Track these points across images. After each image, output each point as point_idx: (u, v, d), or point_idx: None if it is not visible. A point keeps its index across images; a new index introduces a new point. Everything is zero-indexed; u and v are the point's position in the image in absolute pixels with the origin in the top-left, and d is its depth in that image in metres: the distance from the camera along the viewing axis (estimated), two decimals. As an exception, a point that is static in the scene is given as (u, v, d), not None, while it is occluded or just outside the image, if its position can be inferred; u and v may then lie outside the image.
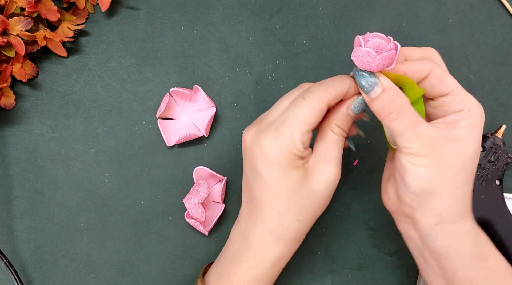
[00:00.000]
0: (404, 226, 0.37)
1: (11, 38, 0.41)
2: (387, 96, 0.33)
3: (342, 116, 0.35)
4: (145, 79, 0.46)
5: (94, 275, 0.44)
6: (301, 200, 0.35)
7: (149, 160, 0.45)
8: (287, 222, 0.35)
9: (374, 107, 0.33)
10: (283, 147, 0.33)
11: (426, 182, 0.33)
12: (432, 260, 0.35)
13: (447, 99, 0.34)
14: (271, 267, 0.37)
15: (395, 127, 0.33)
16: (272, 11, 0.48)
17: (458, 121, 0.33)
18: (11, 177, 0.45)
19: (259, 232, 0.36)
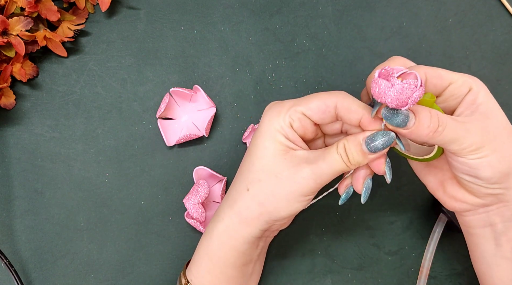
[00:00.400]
0: (483, 217, 0.36)
1: (11, 38, 0.41)
2: (424, 115, 0.32)
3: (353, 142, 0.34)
4: (145, 79, 0.46)
5: (94, 275, 0.44)
6: (261, 172, 0.35)
7: (149, 160, 0.45)
8: (238, 187, 0.36)
9: (420, 132, 0.32)
10: (275, 113, 0.35)
11: (501, 166, 0.33)
12: (507, 243, 0.35)
13: (452, 87, 0.35)
14: (218, 240, 0.37)
15: (448, 137, 0.32)
16: (272, 11, 0.48)
17: (475, 100, 0.34)
18: (11, 177, 0.45)
19: (222, 202, 0.38)
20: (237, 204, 0.36)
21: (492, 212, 0.36)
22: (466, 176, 0.34)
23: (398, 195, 0.47)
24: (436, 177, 0.38)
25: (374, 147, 0.33)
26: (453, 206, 0.37)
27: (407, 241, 0.46)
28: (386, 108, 0.32)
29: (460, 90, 0.34)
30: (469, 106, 0.34)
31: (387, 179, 0.35)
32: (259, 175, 0.35)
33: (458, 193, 0.36)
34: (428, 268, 0.45)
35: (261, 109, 0.47)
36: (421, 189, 0.47)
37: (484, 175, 0.33)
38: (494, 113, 0.34)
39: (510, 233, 0.35)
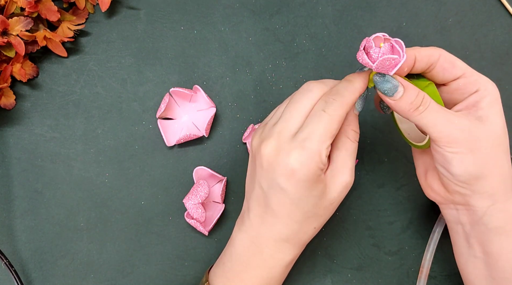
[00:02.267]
0: (454, 213, 0.37)
1: (11, 38, 0.41)
2: (411, 92, 0.33)
3: (353, 120, 0.36)
4: (145, 79, 0.46)
5: (94, 275, 0.44)
6: (319, 210, 0.36)
7: (149, 160, 0.45)
8: (304, 230, 0.36)
9: (402, 106, 0.34)
10: (309, 163, 0.33)
11: (473, 167, 0.33)
12: (477, 245, 0.36)
13: (461, 81, 0.35)
14: (284, 271, 0.38)
15: (426, 119, 0.33)
16: (272, 11, 0.48)
17: (478, 102, 0.34)
18: (11, 177, 0.45)
19: (274, 239, 0.37)
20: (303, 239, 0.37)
21: (461, 211, 0.37)
22: (440, 166, 0.35)
23: (398, 195, 0.47)
24: (424, 163, 0.39)
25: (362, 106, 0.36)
26: (429, 194, 0.39)
27: (407, 241, 0.46)
28: (378, 73, 0.34)
29: (467, 87, 0.35)
30: (469, 106, 0.34)
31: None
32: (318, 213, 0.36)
33: (435, 183, 0.38)
34: (428, 268, 0.45)
35: (261, 109, 0.47)
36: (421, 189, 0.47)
37: (454, 170, 0.34)
38: (490, 121, 0.34)
39: (478, 237, 0.36)
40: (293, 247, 0.37)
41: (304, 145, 0.33)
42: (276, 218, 0.36)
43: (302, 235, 0.37)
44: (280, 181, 0.34)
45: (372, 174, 0.47)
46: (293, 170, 0.33)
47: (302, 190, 0.34)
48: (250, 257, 0.37)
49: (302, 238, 0.37)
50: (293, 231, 0.36)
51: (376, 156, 0.47)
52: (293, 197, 0.34)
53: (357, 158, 0.47)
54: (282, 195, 0.35)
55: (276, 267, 0.37)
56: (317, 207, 0.35)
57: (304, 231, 0.37)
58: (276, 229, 0.36)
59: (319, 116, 0.34)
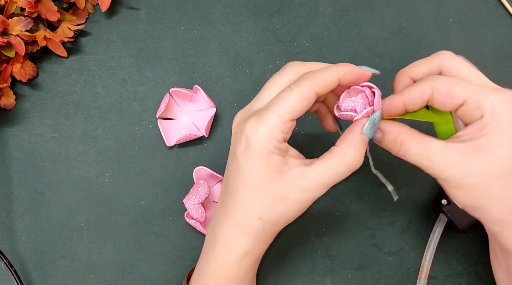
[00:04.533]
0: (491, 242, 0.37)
1: (11, 38, 0.41)
2: (389, 137, 0.34)
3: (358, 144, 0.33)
4: (145, 79, 0.46)
5: (94, 275, 0.44)
6: (267, 198, 0.33)
7: (149, 160, 0.45)
8: (250, 218, 0.34)
9: (386, 147, 0.35)
10: (262, 132, 0.32)
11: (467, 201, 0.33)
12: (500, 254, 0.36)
13: (464, 109, 0.32)
14: (238, 264, 0.36)
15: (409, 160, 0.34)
16: (272, 11, 0.48)
17: (480, 130, 0.31)
18: (11, 177, 0.45)
19: (226, 226, 0.35)
20: (253, 231, 0.35)
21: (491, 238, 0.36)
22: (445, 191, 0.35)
23: (398, 195, 0.47)
24: None
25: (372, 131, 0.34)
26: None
27: (407, 241, 0.46)
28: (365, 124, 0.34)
29: (472, 114, 0.31)
30: (472, 133, 0.32)
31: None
32: (266, 203, 0.33)
33: None
34: (428, 268, 0.45)
35: (261, 109, 0.47)
36: (421, 189, 0.47)
37: (455, 200, 0.34)
38: (490, 152, 0.31)
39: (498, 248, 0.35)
40: (242, 237, 0.35)
41: (262, 114, 0.32)
42: (230, 198, 0.34)
43: (249, 224, 0.34)
44: (237, 150, 0.33)
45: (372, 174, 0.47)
46: (247, 137, 0.32)
47: (251, 162, 0.32)
48: (209, 249, 0.37)
49: (250, 228, 0.34)
50: (239, 215, 0.34)
51: (376, 156, 0.47)
52: (243, 169, 0.33)
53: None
54: (236, 166, 0.33)
55: (230, 259, 0.36)
56: (265, 192, 0.33)
57: (248, 218, 0.34)
58: (227, 212, 0.35)
59: (284, 91, 0.33)
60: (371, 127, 0.33)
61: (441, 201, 0.44)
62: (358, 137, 0.33)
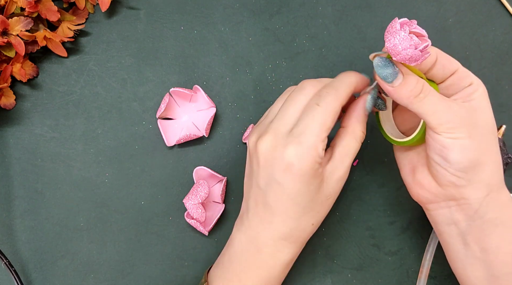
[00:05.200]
0: (446, 212, 0.37)
1: (11, 38, 0.41)
2: (411, 79, 0.33)
3: (363, 120, 0.37)
4: (145, 79, 0.46)
5: (94, 275, 0.44)
6: (316, 206, 0.36)
7: (149, 160, 0.45)
8: (301, 227, 0.36)
9: (402, 93, 0.34)
10: (306, 157, 0.33)
11: (472, 153, 0.33)
12: (474, 243, 0.35)
13: (455, 77, 0.35)
14: (284, 270, 0.38)
15: (426, 106, 0.33)
16: (272, 11, 0.48)
17: (471, 94, 0.35)
18: (11, 177, 0.45)
19: (272, 238, 0.36)
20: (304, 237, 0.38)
21: (454, 208, 0.36)
22: (436, 155, 0.34)
23: (398, 195, 0.47)
24: (411, 161, 0.39)
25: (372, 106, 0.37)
26: (417, 193, 0.38)
27: (407, 241, 0.46)
28: (379, 57, 0.34)
29: (462, 81, 0.35)
30: (464, 97, 0.35)
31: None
32: (316, 209, 0.36)
33: (424, 179, 0.37)
34: (428, 268, 0.45)
35: (261, 109, 0.47)
36: (421, 189, 0.47)
37: (453, 157, 0.33)
38: (483, 111, 0.35)
39: (474, 233, 0.35)
40: (292, 245, 0.37)
41: (300, 139, 0.34)
42: (273, 215, 0.36)
43: (300, 233, 0.37)
44: (277, 176, 0.34)
45: (372, 174, 0.47)
46: (290, 164, 0.33)
47: (299, 185, 0.34)
48: (249, 257, 0.37)
49: (300, 236, 0.37)
50: (291, 228, 0.36)
51: (376, 156, 0.47)
52: (290, 192, 0.34)
53: (357, 158, 0.47)
54: (279, 191, 0.34)
55: (275, 266, 0.37)
56: (314, 202, 0.35)
57: (302, 228, 0.36)
58: (273, 227, 0.36)
59: (313, 110, 0.34)
60: (372, 103, 0.37)
61: (441, 201, 0.44)
62: (363, 113, 0.37)
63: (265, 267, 0.37)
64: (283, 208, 0.35)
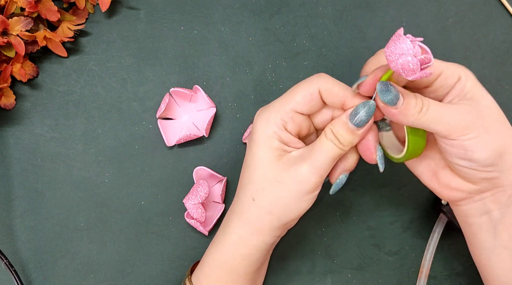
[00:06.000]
0: (479, 205, 0.36)
1: (11, 38, 0.41)
2: (411, 97, 0.33)
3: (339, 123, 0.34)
4: (145, 79, 0.46)
5: (94, 275, 0.44)
6: (262, 180, 0.35)
7: (149, 160, 0.46)
8: (243, 200, 0.36)
9: (408, 112, 0.33)
10: (264, 118, 0.35)
11: (496, 145, 0.33)
12: (504, 232, 0.35)
13: (442, 78, 0.34)
14: (231, 251, 0.37)
15: (432, 117, 0.33)
16: (272, 11, 0.48)
17: (463, 88, 0.34)
18: (11, 177, 0.45)
19: (228, 213, 0.38)
20: (246, 215, 0.36)
21: (488, 199, 0.35)
22: (460, 160, 0.34)
23: (398, 195, 0.47)
24: (428, 167, 0.37)
25: (358, 119, 0.34)
26: (448, 195, 0.36)
27: (407, 241, 0.46)
28: (381, 82, 0.33)
29: (449, 80, 0.34)
30: (457, 95, 0.34)
31: (380, 167, 0.35)
32: (261, 184, 0.35)
33: (452, 181, 0.36)
34: (428, 268, 0.45)
35: (261, 109, 0.47)
36: (421, 189, 0.47)
37: (479, 156, 0.33)
38: (481, 98, 0.34)
39: (507, 220, 0.35)
40: (237, 221, 0.36)
41: (268, 104, 0.36)
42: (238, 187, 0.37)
43: (243, 207, 0.36)
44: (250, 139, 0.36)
45: (372, 174, 0.47)
46: (253, 125, 0.36)
47: (253, 146, 0.35)
48: (216, 238, 0.38)
49: (244, 211, 0.36)
50: (237, 197, 0.36)
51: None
52: (246, 153, 0.36)
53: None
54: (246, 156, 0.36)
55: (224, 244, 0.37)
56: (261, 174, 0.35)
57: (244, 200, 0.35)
58: (234, 201, 0.37)
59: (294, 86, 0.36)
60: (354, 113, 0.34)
61: (441, 201, 0.44)
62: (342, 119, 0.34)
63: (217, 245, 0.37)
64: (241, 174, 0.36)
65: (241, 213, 0.36)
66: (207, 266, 0.38)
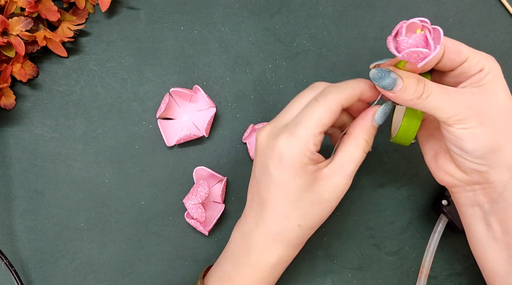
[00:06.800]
0: (470, 195, 0.37)
1: (11, 38, 0.41)
2: (411, 82, 0.33)
3: (369, 130, 0.36)
4: (145, 79, 0.46)
5: (94, 275, 0.44)
6: (306, 205, 0.35)
7: (149, 160, 0.45)
8: (288, 226, 0.36)
9: (404, 97, 0.33)
10: (296, 148, 0.34)
11: (487, 140, 0.33)
12: (496, 224, 0.36)
13: (466, 65, 0.35)
14: (271, 271, 0.37)
15: (431, 104, 0.33)
16: (272, 11, 0.48)
17: (481, 79, 0.34)
18: (11, 177, 0.45)
19: (261, 235, 0.36)
20: (291, 238, 0.36)
21: (479, 191, 0.36)
22: (453, 146, 0.34)
23: (398, 195, 0.47)
24: (433, 147, 0.39)
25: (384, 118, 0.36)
26: (442, 179, 0.38)
27: (407, 241, 0.46)
28: (376, 69, 0.33)
29: (472, 69, 0.35)
30: (474, 83, 0.34)
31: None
32: (304, 209, 0.35)
33: (448, 166, 0.37)
34: (428, 268, 0.45)
35: (261, 109, 0.47)
36: (421, 189, 0.47)
37: (468, 147, 0.33)
38: (494, 92, 0.34)
39: (498, 214, 0.35)
40: (279, 245, 0.36)
41: (292, 130, 0.34)
42: (264, 209, 0.36)
43: (287, 233, 0.36)
44: (269, 164, 0.35)
45: (372, 174, 0.47)
46: (280, 153, 0.34)
47: (287, 176, 0.34)
48: (240, 254, 0.37)
49: (288, 237, 0.36)
50: (278, 225, 0.36)
51: (376, 156, 0.47)
52: (278, 181, 0.35)
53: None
54: (270, 181, 0.35)
55: (262, 266, 0.37)
56: (303, 201, 0.35)
57: (289, 228, 0.36)
58: (264, 222, 0.36)
59: (312, 106, 0.35)
60: (383, 115, 0.36)
61: (442, 201, 0.44)
62: (370, 123, 0.36)
63: (253, 266, 0.37)
64: (272, 201, 0.35)
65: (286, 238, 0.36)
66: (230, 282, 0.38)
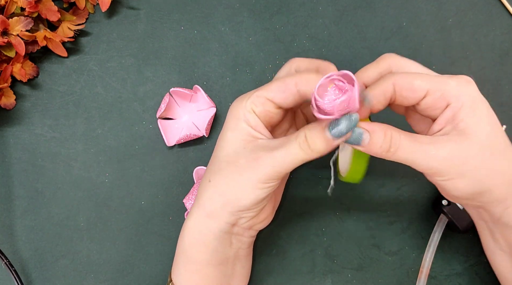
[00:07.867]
0: (475, 212, 0.37)
1: (11, 38, 0.41)
2: (377, 137, 0.31)
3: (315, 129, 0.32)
4: (145, 79, 0.46)
5: (94, 275, 0.44)
6: (222, 161, 0.34)
7: (149, 160, 0.46)
8: (203, 181, 0.36)
9: (374, 151, 0.32)
10: (236, 102, 0.35)
11: (470, 188, 0.32)
12: (502, 240, 0.36)
13: (428, 99, 0.32)
14: (187, 236, 0.35)
15: (401, 158, 0.32)
16: (272, 11, 0.48)
17: (456, 114, 0.32)
18: (11, 177, 0.45)
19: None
20: (202, 197, 0.35)
21: (481, 211, 0.36)
22: (440, 189, 0.34)
23: (398, 195, 0.47)
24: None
25: (338, 132, 0.31)
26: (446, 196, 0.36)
27: (407, 241, 0.46)
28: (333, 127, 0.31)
29: (437, 103, 0.32)
30: (448, 122, 0.32)
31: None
32: (220, 165, 0.34)
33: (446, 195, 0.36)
34: (428, 268, 0.45)
35: (261, 109, 0.47)
36: (421, 189, 0.47)
37: (452, 194, 0.33)
38: (472, 131, 0.31)
39: (501, 232, 0.36)
40: (197, 208, 0.35)
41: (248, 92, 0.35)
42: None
43: (201, 187, 0.35)
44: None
45: (372, 174, 0.47)
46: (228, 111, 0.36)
47: (223, 129, 0.35)
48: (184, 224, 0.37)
49: (201, 193, 0.35)
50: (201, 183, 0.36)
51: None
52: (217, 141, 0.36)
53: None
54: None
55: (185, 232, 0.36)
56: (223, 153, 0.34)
57: (203, 182, 0.35)
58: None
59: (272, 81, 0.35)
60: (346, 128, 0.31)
61: (442, 201, 0.44)
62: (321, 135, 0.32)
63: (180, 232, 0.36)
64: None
65: (199, 196, 0.35)
66: (176, 255, 0.37)
